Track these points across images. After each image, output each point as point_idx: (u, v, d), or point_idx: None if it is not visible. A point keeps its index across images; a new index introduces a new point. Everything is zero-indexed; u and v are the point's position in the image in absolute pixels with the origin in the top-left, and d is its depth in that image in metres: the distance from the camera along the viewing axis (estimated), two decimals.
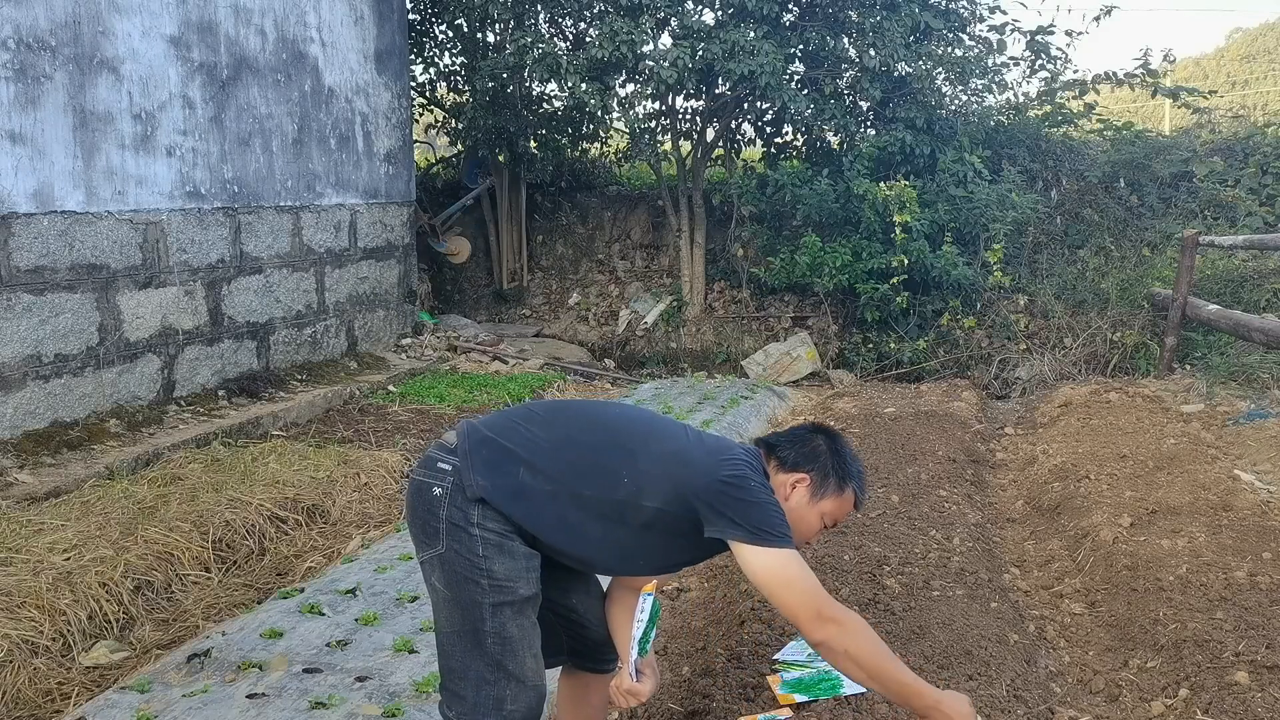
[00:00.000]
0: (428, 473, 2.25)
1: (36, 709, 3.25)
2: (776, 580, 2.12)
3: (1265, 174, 9.32)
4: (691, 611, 3.68)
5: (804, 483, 2.30)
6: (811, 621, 2.10)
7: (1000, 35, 9.25)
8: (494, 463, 2.20)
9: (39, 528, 4.21)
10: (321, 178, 7.78)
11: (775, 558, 2.12)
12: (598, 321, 10.50)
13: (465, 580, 2.18)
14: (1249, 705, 2.83)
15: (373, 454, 5.61)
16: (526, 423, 2.27)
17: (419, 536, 2.26)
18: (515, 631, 2.20)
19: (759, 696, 2.88)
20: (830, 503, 2.31)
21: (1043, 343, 8.42)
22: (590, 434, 2.27)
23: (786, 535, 2.16)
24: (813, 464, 2.31)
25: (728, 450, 2.28)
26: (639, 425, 2.32)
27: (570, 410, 2.39)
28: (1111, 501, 4.54)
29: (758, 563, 2.13)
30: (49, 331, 5.48)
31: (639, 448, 2.24)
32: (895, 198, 8.22)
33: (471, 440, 2.24)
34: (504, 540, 2.18)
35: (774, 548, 2.12)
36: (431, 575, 2.25)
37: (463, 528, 2.17)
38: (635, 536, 2.23)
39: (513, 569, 2.19)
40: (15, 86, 5.24)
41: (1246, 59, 30.33)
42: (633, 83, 9.28)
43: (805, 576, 2.14)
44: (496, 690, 2.20)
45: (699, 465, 2.20)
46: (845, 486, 2.32)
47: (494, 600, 2.18)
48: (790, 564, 2.13)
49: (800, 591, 2.12)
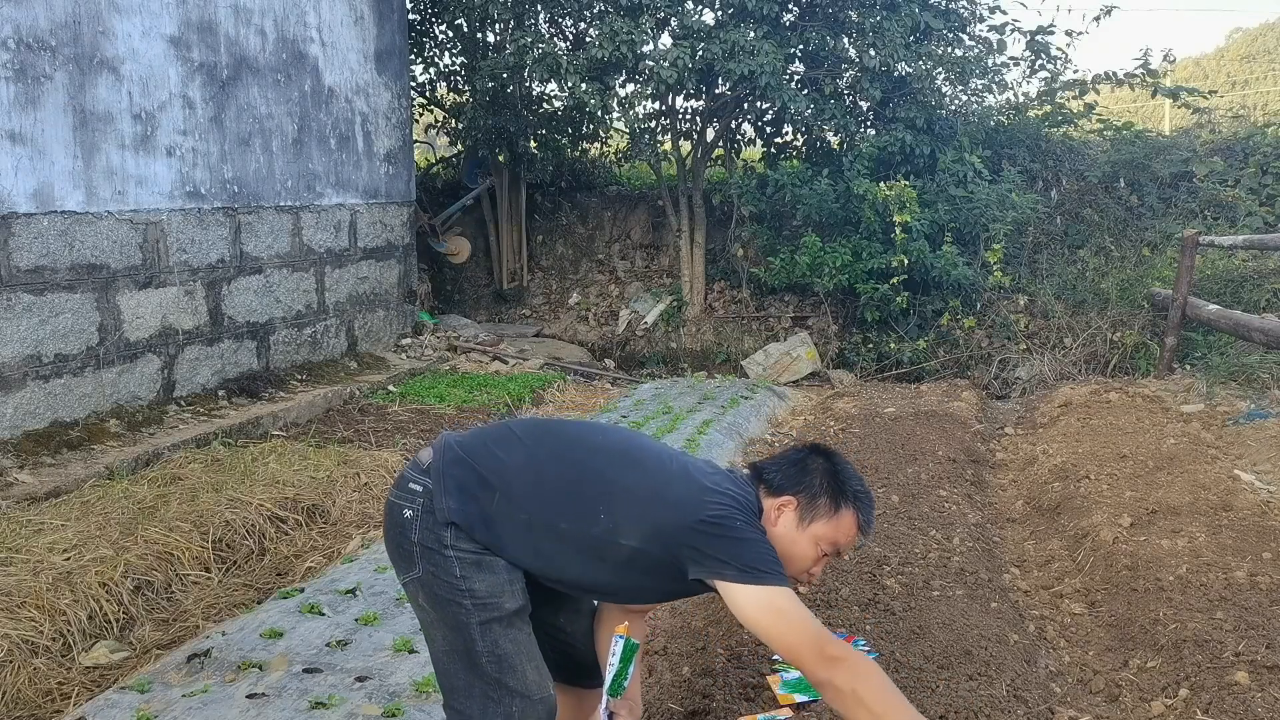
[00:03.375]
0: (399, 494, 2.18)
1: (36, 709, 3.25)
2: (771, 619, 1.98)
3: (1265, 174, 9.32)
4: (691, 611, 3.68)
5: (790, 506, 2.15)
6: (816, 661, 1.96)
7: (1000, 35, 9.28)
8: (466, 487, 2.12)
9: (39, 528, 4.21)
10: (321, 178, 7.78)
11: (768, 595, 1.99)
12: (598, 321, 10.50)
13: (448, 602, 2.11)
14: (1249, 705, 2.83)
15: (373, 454, 5.61)
16: (504, 446, 2.18)
17: (395, 559, 2.21)
18: (510, 647, 2.12)
19: (759, 696, 2.89)
20: (823, 526, 2.14)
21: (1043, 343, 8.42)
22: (569, 462, 2.16)
23: (779, 572, 2.03)
24: (800, 485, 2.16)
25: (713, 484, 2.14)
26: (620, 454, 2.19)
27: (550, 433, 2.28)
28: (1111, 501, 4.54)
29: (749, 601, 1.99)
30: (49, 331, 5.48)
31: (618, 480, 2.12)
32: (895, 198, 8.22)
33: (445, 460, 2.16)
34: (481, 557, 2.11)
35: (766, 585, 1.99)
36: (416, 596, 2.19)
37: (435, 550, 2.11)
38: (615, 572, 2.13)
39: (494, 584, 2.11)
40: (15, 86, 5.24)
41: (1246, 59, 30.32)
42: (633, 83, 9.28)
43: (802, 613, 2.00)
44: (503, 708, 2.12)
45: (680, 505, 2.08)
46: (840, 508, 2.15)
47: (480, 619, 2.10)
48: (784, 600, 1.99)
49: (800, 630, 1.98)
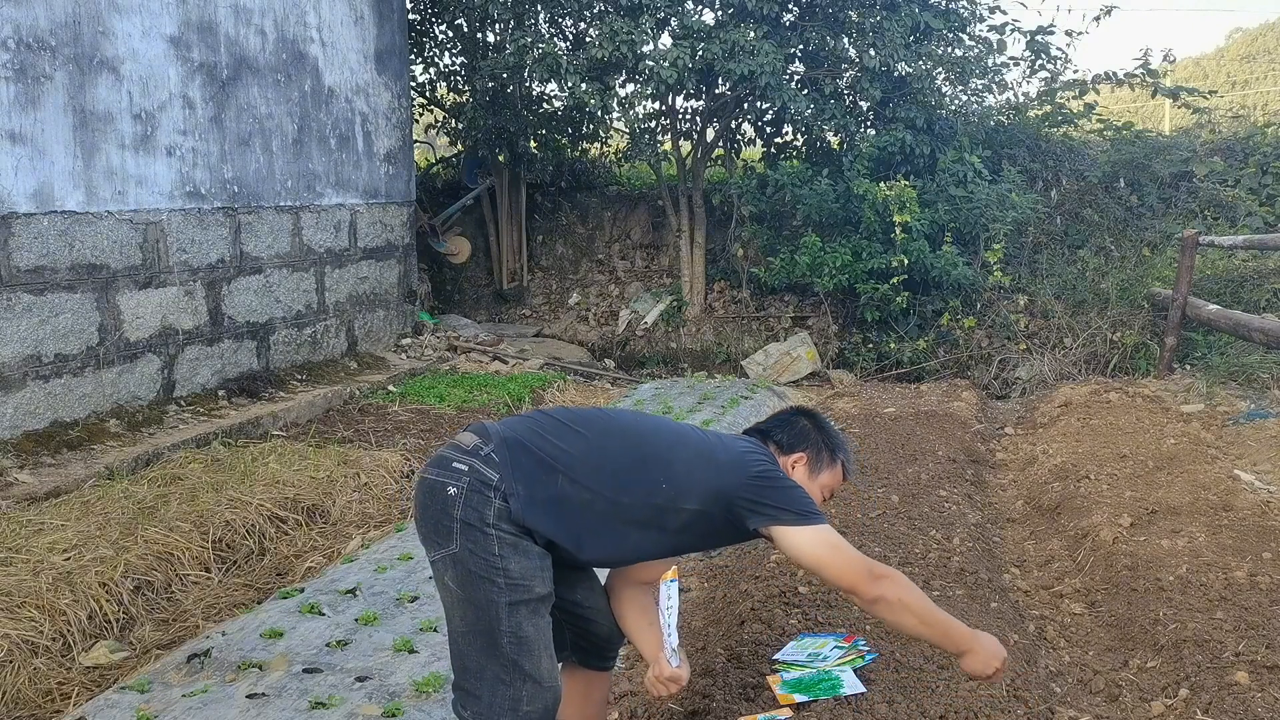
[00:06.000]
0: (441, 472, 2.26)
1: (36, 709, 3.25)
2: (828, 552, 2.28)
3: (1265, 174, 9.32)
4: (691, 611, 3.68)
5: (802, 461, 2.49)
6: (866, 580, 2.27)
7: (1000, 35, 9.26)
8: (532, 472, 2.24)
9: (39, 528, 4.21)
10: (321, 178, 7.78)
11: (821, 534, 2.29)
12: (598, 321, 10.49)
13: (480, 579, 2.19)
14: (1249, 705, 2.83)
15: (373, 454, 5.61)
16: (556, 433, 2.32)
17: (430, 536, 2.27)
18: (531, 631, 2.21)
19: (759, 696, 2.88)
20: (827, 475, 2.52)
21: (1043, 343, 8.42)
22: (624, 442, 2.36)
23: (820, 513, 2.34)
24: (806, 442, 2.51)
25: (747, 447, 2.44)
26: (664, 433, 2.44)
27: (598, 420, 2.44)
28: (1111, 501, 4.54)
29: (807, 540, 2.28)
30: (49, 331, 5.48)
31: (671, 454, 2.35)
32: (895, 198, 8.22)
33: (509, 448, 2.26)
34: (519, 540, 2.21)
35: (817, 525, 2.30)
36: (444, 574, 2.25)
37: (477, 527, 2.19)
38: (670, 538, 2.35)
39: (528, 568, 2.21)
40: (15, 86, 5.24)
41: (1246, 59, 30.36)
42: (633, 83, 9.27)
43: (847, 544, 2.33)
44: (513, 691, 2.20)
45: (731, 466, 2.35)
46: (836, 458, 2.54)
47: (510, 599, 2.19)
48: (832, 535, 2.31)
49: (852, 557, 2.31)
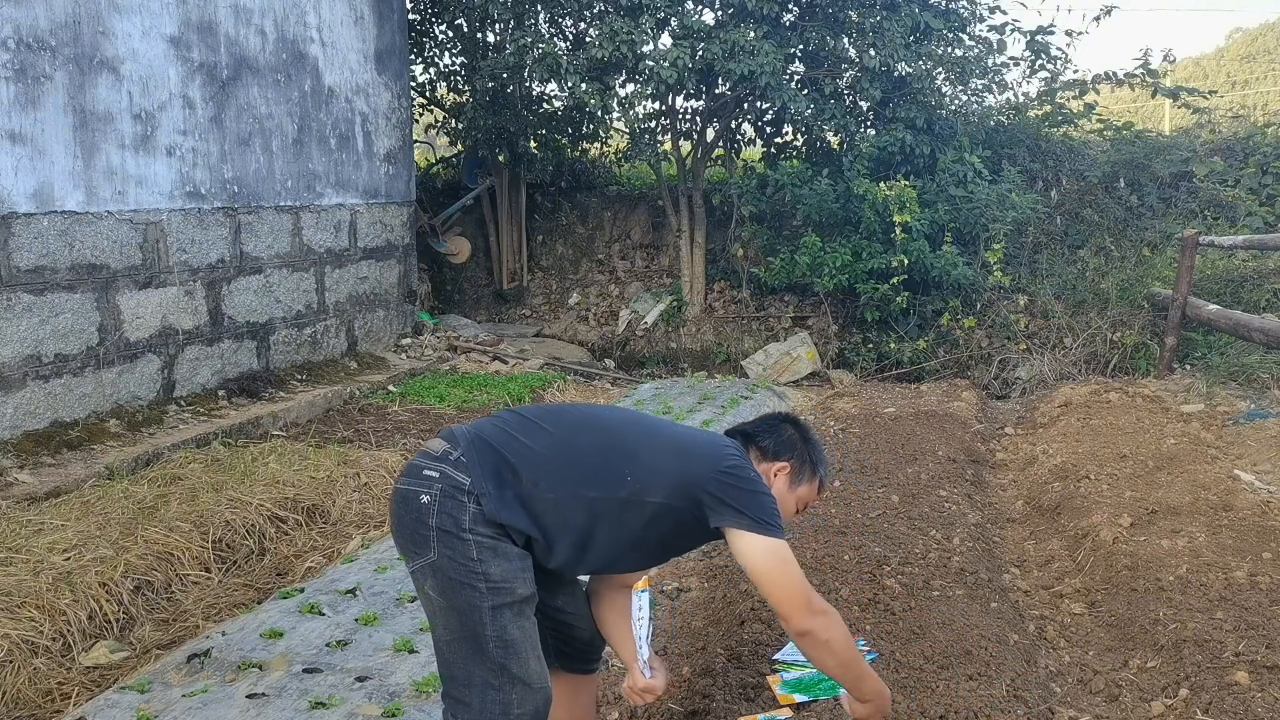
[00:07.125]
0: (414, 480, 2.23)
1: (36, 709, 3.25)
2: (774, 569, 2.22)
3: (1265, 174, 9.31)
4: (691, 611, 3.68)
5: (785, 470, 2.42)
6: (802, 611, 2.22)
7: (1000, 35, 9.25)
8: (498, 472, 2.21)
9: (39, 528, 4.21)
10: (321, 178, 7.78)
11: (773, 547, 2.22)
12: (598, 321, 10.49)
13: (461, 585, 2.17)
14: (1249, 705, 2.83)
15: (373, 454, 5.61)
16: (524, 431, 2.28)
17: (407, 546, 2.24)
18: (517, 634, 2.19)
19: (759, 696, 2.88)
20: (805, 488, 2.46)
21: (1043, 343, 8.41)
22: (590, 437, 2.31)
23: (781, 526, 2.26)
24: (791, 452, 2.44)
25: (719, 442, 2.37)
26: (634, 425, 2.39)
27: (566, 415, 2.41)
28: (1111, 501, 4.54)
29: (757, 550, 2.21)
30: (49, 331, 5.48)
31: (638, 446, 2.29)
32: (895, 198, 8.22)
33: (477, 449, 2.23)
34: (497, 543, 2.18)
35: (772, 537, 2.22)
36: (425, 584, 2.23)
37: (454, 533, 2.16)
38: (637, 535, 2.27)
39: (508, 570, 2.18)
40: (15, 86, 5.24)
41: (1246, 59, 30.36)
42: (633, 83, 9.27)
43: (797, 568, 2.26)
44: (503, 695, 2.18)
45: (699, 456, 2.28)
46: (816, 473, 2.48)
47: (493, 603, 2.16)
48: (785, 554, 2.24)
49: (796, 582, 2.23)
